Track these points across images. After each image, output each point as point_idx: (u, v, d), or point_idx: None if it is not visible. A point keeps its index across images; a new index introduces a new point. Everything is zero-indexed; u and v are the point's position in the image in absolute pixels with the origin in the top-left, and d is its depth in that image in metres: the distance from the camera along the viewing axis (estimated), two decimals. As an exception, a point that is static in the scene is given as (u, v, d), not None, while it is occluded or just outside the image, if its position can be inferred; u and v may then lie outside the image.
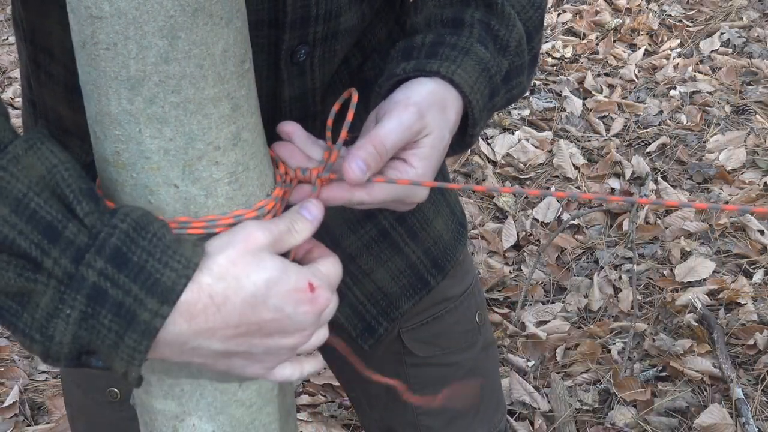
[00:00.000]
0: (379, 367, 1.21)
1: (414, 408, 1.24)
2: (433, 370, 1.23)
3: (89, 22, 0.68)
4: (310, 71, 0.94)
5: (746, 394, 2.28)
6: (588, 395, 2.33)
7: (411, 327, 1.20)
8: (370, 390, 1.26)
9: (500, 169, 3.24)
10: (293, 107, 0.95)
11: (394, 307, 1.15)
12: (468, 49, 0.91)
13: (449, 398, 1.23)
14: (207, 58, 0.70)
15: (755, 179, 3.10)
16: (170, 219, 0.74)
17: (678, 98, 3.60)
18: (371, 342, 1.15)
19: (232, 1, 0.71)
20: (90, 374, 1.13)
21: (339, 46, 0.95)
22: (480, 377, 1.27)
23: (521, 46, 0.97)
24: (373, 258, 1.12)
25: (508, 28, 0.95)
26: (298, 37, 0.91)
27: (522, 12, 0.98)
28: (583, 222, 2.95)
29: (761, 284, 2.65)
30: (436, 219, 1.16)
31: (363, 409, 1.30)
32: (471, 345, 1.25)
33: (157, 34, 0.68)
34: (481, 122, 0.92)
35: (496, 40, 0.94)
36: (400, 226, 1.12)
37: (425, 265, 1.16)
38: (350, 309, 1.13)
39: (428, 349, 1.21)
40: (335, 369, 1.30)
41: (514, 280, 2.75)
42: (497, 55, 0.93)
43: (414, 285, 1.16)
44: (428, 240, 1.15)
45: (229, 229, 0.75)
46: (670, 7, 4.32)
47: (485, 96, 0.91)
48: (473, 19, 0.94)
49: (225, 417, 0.82)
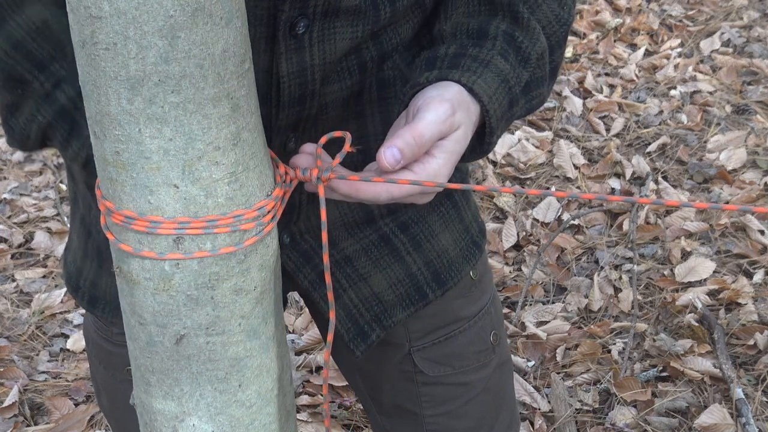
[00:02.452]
0: (391, 383, 1.21)
1: (425, 424, 1.22)
2: (446, 390, 1.21)
3: (89, 22, 0.68)
4: (309, 46, 0.93)
5: (746, 394, 2.28)
6: (588, 395, 2.33)
7: (422, 346, 1.18)
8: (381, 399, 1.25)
9: (500, 168, 3.24)
10: (292, 83, 0.94)
11: (388, 315, 1.13)
12: (489, 62, 0.94)
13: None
14: (207, 58, 0.70)
15: (755, 179, 3.10)
16: (170, 219, 0.74)
17: (678, 98, 3.60)
18: (363, 348, 1.13)
19: (232, 1, 0.71)
20: (109, 353, 1.18)
21: (339, 24, 0.94)
22: (493, 396, 1.25)
23: (543, 59, 1.00)
24: (371, 262, 1.11)
25: (532, 41, 0.98)
26: (298, 8, 0.90)
27: (548, 26, 1.01)
28: (584, 222, 2.95)
29: (761, 284, 2.65)
30: (443, 233, 1.14)
31: (372, 414, 1.29)
32: (485, 365, 1.22)
33: (156, 34, 0.68)
34: (498, 131, 0.95)
35: (518, 52, 0.97)
36: (402, 234, 1.11)
37: (425, 277, 1.14)
38: (344, 311, 1.12)
39: (440, 369, 1.19)
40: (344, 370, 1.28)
41: (514, 280, 2.75)
42: (518, 66, 0.97)
43: (411, 296, 1.14)
44: (431, 252, 1.14)
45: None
46: (671, 7, 4.32)
47: (503, 106, 0.94)
48: (498, 31, 0.97)
49: (225, 417, 0.82)
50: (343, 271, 1.10)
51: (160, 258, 0.76)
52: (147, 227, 0.75)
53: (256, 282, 0.81)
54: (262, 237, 0.80)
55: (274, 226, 0.82)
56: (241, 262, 0.79)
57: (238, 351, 0.81)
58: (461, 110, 0.88)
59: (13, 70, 0.97)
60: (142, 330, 0.80)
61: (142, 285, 0.78)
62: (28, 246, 2.95)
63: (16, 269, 2.85)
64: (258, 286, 0.81)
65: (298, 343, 2.53)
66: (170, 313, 0.78)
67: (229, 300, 0.79)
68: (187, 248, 0.76)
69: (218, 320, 0.79)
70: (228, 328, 0.79)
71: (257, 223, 0.79)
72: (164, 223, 0.75)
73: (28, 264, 2.89)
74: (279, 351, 0.86)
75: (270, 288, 0.83)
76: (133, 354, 0.83)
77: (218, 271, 0.78)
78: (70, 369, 2.47)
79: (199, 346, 0.79)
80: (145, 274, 0.78)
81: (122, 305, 0.82)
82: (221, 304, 0.79)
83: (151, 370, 0.81)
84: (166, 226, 0.75)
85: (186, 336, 0.79)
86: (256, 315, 0.81)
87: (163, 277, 0.77)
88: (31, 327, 2.62)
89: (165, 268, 0.77)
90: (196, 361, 0.80)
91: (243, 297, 0.80)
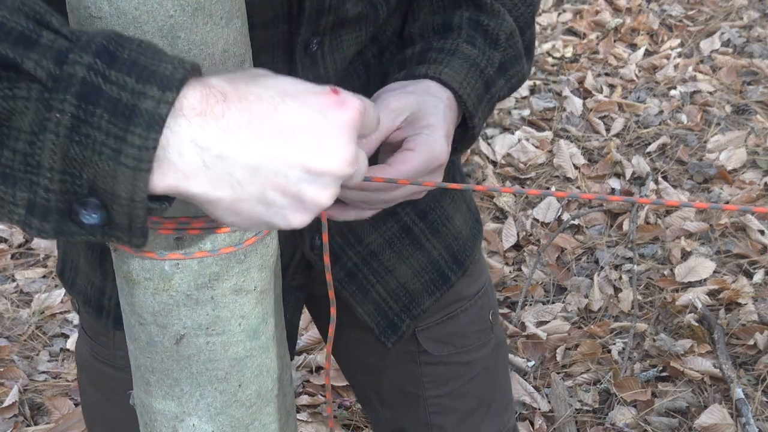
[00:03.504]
0: (394, 365, 1.22)
1: (427, 406, 1.24)
2: (448, 369, 1.23)
3: (89, 22, 0.68)
4: (322, 60, 0.96)
5: (746, 394, 2.28)
6: (588, 395, 2.33)
7: (426, 326, 1.20)
8: (382, 390, 1.26)
9: (500, 168, 3.24)
10: None
11: (416, 303, 1.16)
12: (455, 50, 0.97)
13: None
14: (207, 58, 0.70)
15: (755, 179, 3.10)
16: (170, 219, 0.74)
17: (678, 98, 3.60)
18: (393, 339, 1.16)
19: (232, 1, 0.71)
20: (111, 377, 1.15)
21: (345, 32, 0.97)
22: (491, 375, 1.28)
23: (513, 38, 1.03)
24: (395, 254, 1.12)
25: (498, 22, 1.01)
26: (312, 29, 0.93)
27: (513, 9, 1.04)
28: (584, 222, 2.95)
29: (761, 284, 2.65)
30: (455, 215, 1.17)
31: (374, 409, 1.30)
32: (484, 344, 1.25)
33: (156, 34, 0.68)
34: (479, 113, 0.97)
35: (486, 35, 1.00)
36: (421, 222, 1.13)
37: (446, 260, 1.17)
38: (373, 306, 1.14)
39: (443, 348, 1.22)
40: (346, 368, 1.30)
41: (514, 280, 2.75)
42: (488, 48, 1.00)
43: (435, 281, 1.16)
44: (449, 236, 1.16)
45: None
46: (671, 7, 4.31)
47: (478, 89, 0.97)
48: (462, 20, 1.01)
49: (225, 417, 0.82)
50: (370, 266, 1.12)
51: (160, 258, 0.76)
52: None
53: (256, 282, 0.81)
54: (262, 237, 0.80)
55: (274, 226, 0.82)
56: (241, 262, 0.79)
57: (238, 351, 0.81)
58: (425, 95, 0.90)
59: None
60: (142, 330, 0.80)
61: (142, 285, 0.78)
62: (28, 246, 2.95)
63: (16, 269, 2.85)
64: (258, 286, 0.81)
65: (298, 343, 2.53)
66: (170, 313, 0.78)
67: (229, 300, 0.79)
68: (187, 248, 0.76)
69: (218, 320, 0.79)
70: (228, 328, 0.79)
71: (257, 223, 0.79)
72: (164, 223, 0.75)
73: (28, 264, 2.88)
74: (279, 351, 0.86)
75: (270, 288, 0.83)
76: (133, 354, 0.83)
77: (218, 271, 0.78)
78: (70, 369, 2.47)
79: (199, 346, 0.79)
80: (145, 274, 0.78)
81: (122, 305, 0.82)
82: (221, 304, 0.79)
83: (151, 371, 0.81)
84: (166, 226, 0.75)
85: (186, 336, 0.79)
86: (256, 315, 0.81)
87: (163, 277, 0.77)
88: (31, 327, 2.62)
89: (165, 268, 0.77)
90: (196, 361, 0.80)
91: (243, 297, 0.80)
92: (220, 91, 0.60)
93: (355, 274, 1.11)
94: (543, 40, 4.04)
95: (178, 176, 0.60)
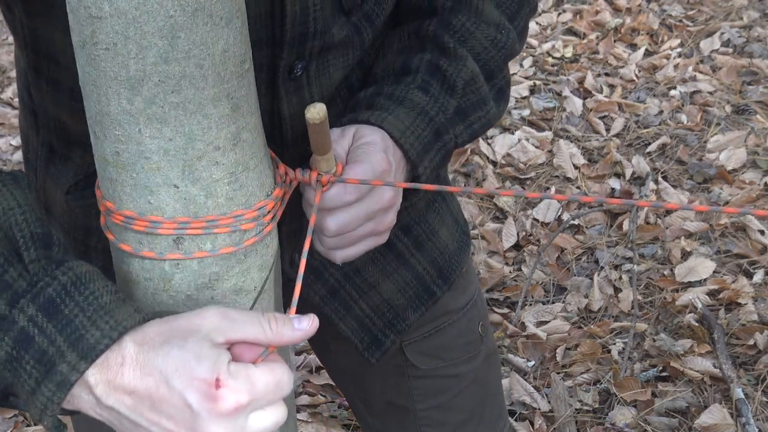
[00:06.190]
0: (382, 378, 1.21)
1: (417, 419, 1.23)
2: (436, 382, 1.22)
3: (89, 22, 0.68)
4: (307, 86, 0.96)
5: (746, 394, 2.28)
6: (588, 395, 2.33)
7: (413, 340, 1.19)
8: (372, 401, 1.26)
9: (500, 169, 3.24)
10: (293, 124, 0.96)
11: (401, 318, 1.15)
12: (403, 98, 0.96)
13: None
14: (207, 58, 0.70)
15: (755, 179, 3.10)
16: (170, 219, 0.74)
17: (678, 98, 3.60)
18: (378, 355, 1.15)
19: (232, 1, 0.71)
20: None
21: (332, 57, 0.97)
22: (482, 387, 1.27)
23: (475, 83, 1.01)
24: (378, 270, 1.12)
25: (458, 68, 0.99)
26: (296, 53, 0.92)
27: (483, 52, 1.02)
28: (583, 222, 2.95)
29: (761, 284, 2.65)
30: (441, 229, 1.16)
31: (364, 418, 1.30)
32: (473, 356, 1.24)
33: (156, 34, 0.68)
34: (426, 161, 0.96)
35: (443, 81, 0.99)
36: (405, 237, 1.12)
37: (431, 275, 1.15)
38: (356, 322, 1.13)
39: (431, 362, 1.21)
40: (335, 378, 1.30)
41: (514, 280, 2.75)
42: (443, 94, 0.98)
43: (420, 296, 1.15)
44: (434, 250, 1.15)
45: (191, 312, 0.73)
46: (671, 7, 4.31)
47: (424, 137, 0.95)
48: (421, 63, 0.99)
49: (225, 417, 0.82)
50: (353, 282, 1.11)
51: (160, 258, 0.76)
52: (147, 227, 0.75)
53: (256, 282, 0.81)
54: (262, 237, 0.80)
55: (274, 227, 0.82)
56: (241, 262, 0.79)
57: (238, 351, 0.81)
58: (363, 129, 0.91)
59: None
60: (142, 330, 0.80)
61: (142, 285, 0.78)
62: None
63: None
64: (258, 286, 0.81)
65: (298, 344, 2.53)
66: (170, 314, 0.78)
67: (229, 300, 0.79)
68: (187, 248, 0.76)
69: (218, 320, 0.79)
70: (228, 328, 0.79)
71: (257, 223, 0.79)
72: (164, 223, 0.75)
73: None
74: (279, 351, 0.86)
75: (270, 288, 0.83)
76: (133, 354, 0.83)
77: (218, 271, 0.78)
78: (70, 369, 2.47)
79: (199, 346, 0.79)
80: (145, 274, 0.78)
81: (122, 305, 0.82)
82: (221, 304, 0.78)
83: (151, 370, 0.81)
84: (166, 226, 0.75)
85: (186, 336, 0.78)
86: (256, 315, 0.81)
87: (163, 277, 0.77)
88: (31, 327, 2.62)
89: (165, 268, 0.77)
90: (196, 361, 0.79)
91: (243, 297, 0.80)
92: (124, 356, 0.69)
93: (337, 290, 1.10)
94: (543, 40, 4.04)
95: (78, 405, 0.71)
